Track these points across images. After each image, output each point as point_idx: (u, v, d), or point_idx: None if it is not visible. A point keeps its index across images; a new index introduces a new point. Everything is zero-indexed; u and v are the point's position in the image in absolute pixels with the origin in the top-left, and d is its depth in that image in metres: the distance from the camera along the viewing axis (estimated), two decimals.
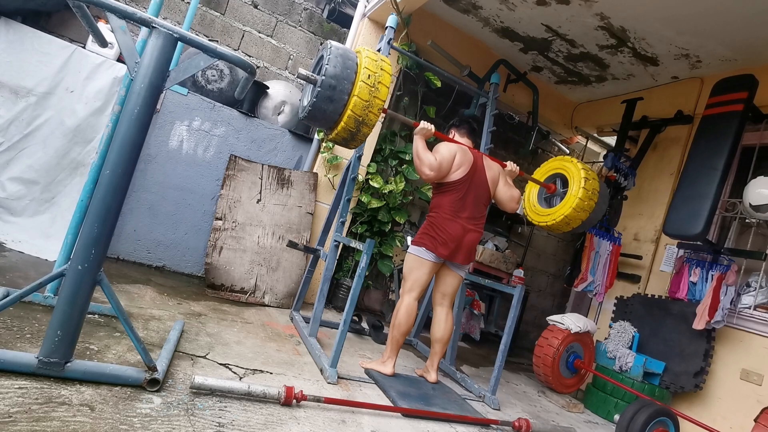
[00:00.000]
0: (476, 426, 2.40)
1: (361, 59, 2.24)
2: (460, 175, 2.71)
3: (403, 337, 2.70)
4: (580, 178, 2.88)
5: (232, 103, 3.83)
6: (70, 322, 1.55)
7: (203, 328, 2.52)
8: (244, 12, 4.41)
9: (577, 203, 2.82)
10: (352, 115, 2.20)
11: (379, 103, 2.23)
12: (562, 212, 2.90)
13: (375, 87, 2.21)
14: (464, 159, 2.74)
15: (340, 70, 2.15)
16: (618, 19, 3.50)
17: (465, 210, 2.72)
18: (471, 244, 2.74)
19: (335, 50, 2.19)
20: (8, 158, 3.12)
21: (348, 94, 2.18)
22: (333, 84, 2.15)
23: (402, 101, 4.59)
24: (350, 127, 2.24)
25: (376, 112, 2.24)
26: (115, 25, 1.64)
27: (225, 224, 3.50)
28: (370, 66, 2.21)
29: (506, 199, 2.86)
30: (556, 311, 5.89)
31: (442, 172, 2.66)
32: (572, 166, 2.98)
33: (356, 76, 2.20)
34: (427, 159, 2.61)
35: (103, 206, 1.60)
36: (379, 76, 2.22)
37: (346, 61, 2.18)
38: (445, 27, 4.33)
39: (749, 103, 3.14)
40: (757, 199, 3.10)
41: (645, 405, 2.62)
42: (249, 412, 1.77)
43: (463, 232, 2.69)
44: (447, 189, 2.73)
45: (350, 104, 2.19)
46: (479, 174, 2.78)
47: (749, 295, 3.26)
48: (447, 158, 2.68)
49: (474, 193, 2.75)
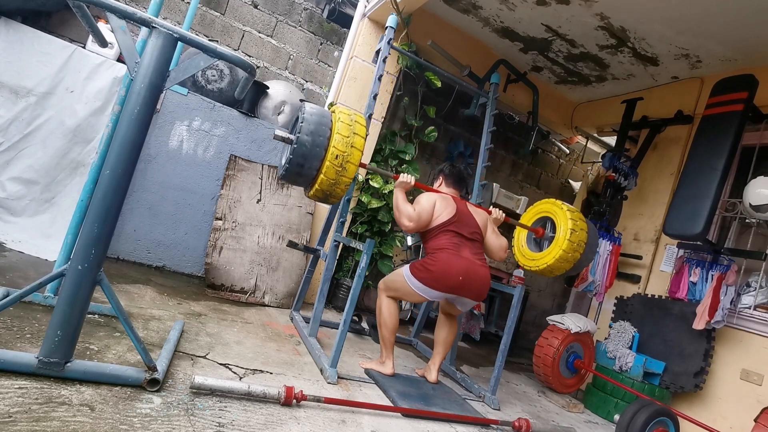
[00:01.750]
0: (476, 426, 2.40)
1: (335, 121, 2.30)
2: (446, 217, 2.64)
3: (393, 334, 2.69)
4: (567, 228, 2.85)
5: (232, 103, 3.83)
6: (70, 322, 1.55)
7: (203, 328, 2.52)
8: (244, 12, 4.41)
9: (561, 255, 2.81)
10: (326, 179, 2.26)
11: (353, 167, 2.27)
12: (545, 261, 2.90)
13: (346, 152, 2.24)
14: (446, 205, 2.68)
15: (313, 136, 2.20)
16: (618, 19, 3.50)
17: (465, 248, 2.63)
18: (483, 281, 2.61)
19: (309, 115, 2.24)
20: (8, 158, 3.12)
21: (321, 159, 2.24)
22: (306, 149, 2.20)
23: (402, 101, 4.59)
24: (325, 188, 2.30)
25: (349, 175, 2.27)
26: (115, 25, 1.64)
27: (225, 224, 3.50)
28: (342, 130, 2.25)
29: (495, 248, 2.79)
30: (556, 311, 5.90)
31: (421, 222, 2.60)
32: (561, 212, 2.94)
33: (329, 140, 2.25)
34: (406, 210, 2.57)
35: (103, 206, 1.60)
36: (351, 140, 2.26)
37: (320, 126, 2.24)
38: (445, 27, 4.33)
39: (749, 103, 3.14)
40: (757, 199, 3.10)
41: (645, 405, 2.62)
42: (249, 412, 1.77)
43: (472, 266, 2.57)
44: (439, 231, 2.64)
45: (323, 168, 2.24)
46: (467, 217, 2.72)
47: (749, 295, 3.26)
48: (426, 209, 2.62)
49: (467, 231, 2.67)
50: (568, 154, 6.02)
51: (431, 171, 5.13)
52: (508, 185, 5.51)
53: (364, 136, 2.32)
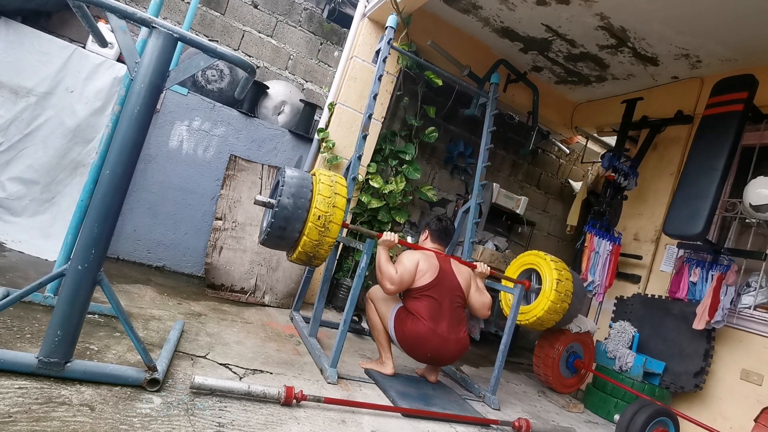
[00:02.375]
0: (476, 426, 2.40)
1: (316, 183, 2.32)
2: (428, 280, 2.63)
3: (385, 335, 2.70)
4: (552, 279, 2.87)
5: (232, 103, 3.83)
6: (70, 322, 1.55)
7: (203, 328, 2.52)
8: (244, 12, 4.41)
9: (550, 306, 2.84)
10: (303, 251, 2.29)
11: (336, 227, 2.30)
12: (535, 314, 2.94)
13: (325, 227, 2.27)
14: (429, 265, 2.67)
15: (294, 200, 2.24)
16: (618, 19, 3.50)
17: (443, 318, 2.60)
18: (454, 353, 2.63)
19: (289, 180, 2.28)
20: (8, 158, 3.13)
21: (303, 221, 2.26)
22: (288, 213, 2.23)
23: (402, 101, 4.59)
24: (302, 258, 2.34)
25: (332, 235, 2.30)
26: (115, 25, 1.64)
27: (225, 224, 3.50)
28: (323, 191, 2.29)
29: (479, 306, 2.78)
30: None
31: (403, 284, 2.60)
32: (545, 264, 2.98)
33: (311, 203, 2.28)
34: (388, 272, 2.56)
35: (103, 206, 1.60)
36: (333, 200, 2.30)
37: (301, 189, 2.27)
38: (445, 27, 4.32)
39: (749, 103, 3.14)
40: (757, 199, 3.10)
41: (645, 405, 2.62)
42: (249, 412, 1.77)
43: (443, 344, 2.57)
44: (418, 294, 2.62)
45: (300, 242, 2.27)
46: (449, 278, 2.70)
47: (749, 295, 3.26)
48: (409, 269, 2.61)
49: (448, 297, 2.65)
50: (568, 154, 6.02)
51: (431, 171, 5.13)
52: (508, 185, 5.51)
53: (345, 195, 2.36)
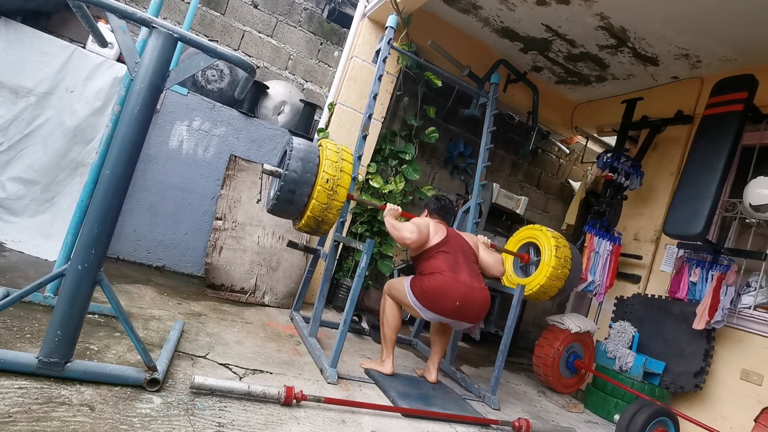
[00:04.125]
0: (476, 426, 2.40)
1: (323, 152, 2.38)
2: (440, 238, 2.67)
3: (395, 333, 2.70)
4: (551, 246, 2.95)
5: (232, 103, 3.83)
6: (70, 322, 1.55)
7: (203, 328, 2.52)
8: (244, 12, 4.41)
9: (551, 272, 2.90)
10: (312, 216, 2.33)
11: (343, 190, 2.34)
12: (538, 282, 2.98)
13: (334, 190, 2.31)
14: (438, 228, 2.73)
15: (302, 164, 2.29)
16: (618, 19, 3.50)
17: (462, 270, 2.60)
18: (483, 303, 2.59)
19: (297, 146, 2.34)
20: (8, 158, 3.12)
21: (312, 185, 2.31)
22: (297, 176, 2.27)
23: (402, 101, 4.59)
24: (311, 224, 2.37)
25: (335, 212, 2.35)
26: (115, 25, 1.64)
27: (225, 224, 3.50)
28: (331, 156, 2.34)
29: (492, 262, 2.82)
30: (556, 311, 5.89)
31: (422, 234, 2.61)
32: (542, 235, 3.06)
33: (318, 168, 2.33)
34: (405, 226, 2.60)
35: (103, 206, 1.60)
36: (341, 165, 2.34)
37: (309, 154, 2.33)
38: (445, 27, 4.32)
39: (749, 103, 3.14)
40: (757, 199, 3.10)
41: (645, 405, 2.62)
42: (249, 412, 1.77)
43: (469, 291, 2.53)
44: (433, 252, 2.63)
45: (309, 206, 2.31)
46: (457, 239, 2.76)
47: (749, 295, 3.26)
48: (425, 222, 2.69)
49: (462, 253, 2.69)
50: (568, 154, 6.02)
51: (431, 171, 5.13)
52: (508, 185, 5.51)
53: (351, 162, 2.41)
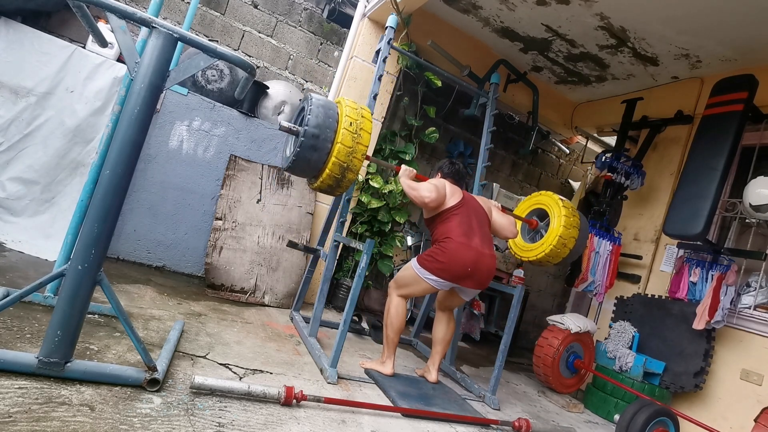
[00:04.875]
0: (476, 426, 2.40)
1: (342, 108, 2.34)
2: (455, 201, 2.70)
3: (398, 335, 2.69)
4: (560, 213, 2.95)
5: (232, 103, 3.83)
6: (70, 322, 1.55)
7: (203, 328, 2.52)
8: (244, 12, 4.41)
9: (558, 240, 2.90)
10: (337, 162, 2.27)
11: (363, 148, 2.31)
12: (543, 249, 2.98)
13: (357, 133, 2.28)
14: (453, 189, 2.76)
15: (322, 120, 2.24)
16: (618, 19, 3.50)
17: (475, 234, 2.64)
18: (490, 269, 2.64)
19: (316, 102, 2.29)
20: (8, 158, 3.12)
21: (331, 141, 2.26)
22: (316, 133, 2.22)
23: (402, 101, 4.59)
24: (335, 173, 2.31)
25: (360, 157, 2.31)
26: (115, 25, 1.64)
27: (225, 224, 3.50)
28: (351, 114, 2.30)
29: (506, 224, 2.86)
30: (556, 311, 5.90)
31: (440, 194, 2.64)
32: (551, 201, 3.07)
33: (338, 124, 2.29)
34: (422, 186, 2.63)
35: (103, 206, 1.60)
36: (361, 123, 2.30)
37: (328, 111, 2.28)
38: (445, 27, 4.32)
39: (749, 103, 3.14)
40: (757, 199, 3.10)
41: (645, 405, 2.62)
42: (249, 412, 1.77)
43: (480, 256, 2.59)
44: (448, 215, 2.67)
45: (334, 151, 2.26)
46: (472, 201, 2.79)
47: (749, 295, 3.26)
48: (440, 185, 2.70)
49: (476, 216, 2.72)
50: (568, 154, 6.02)
51: (431, 171, 5.12)
52: (508, 185, 5.51)
53: (370, 120, 2.37)
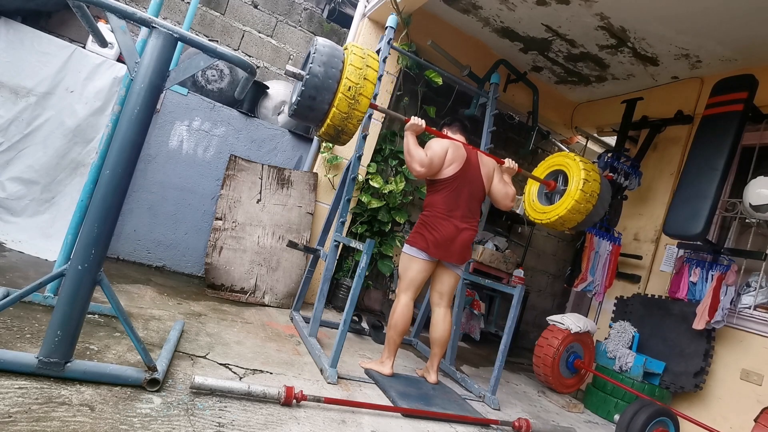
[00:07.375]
0: (476, 426, 2.40)
1: (348, 55, 2.26)
2: (452, 172, 2.69)
3: (401, 337, 2.69)
4: (579, 178, 2.77)
5: (232, 103, 3.83)
6: (70, 322, 1.55)
7: (203, 328, 2.52)
8: (244, 12, 4.41)
9: (573, 205, 2.75)
10: (344, 98, 2.21)
11: (365, 100, 2.25)
12: (557, 213, 2.84)
13: (359, 84, 2.21)
14: (457, 155, 2.71)
15: (325, 67, 2.18)
16: (618, 19, 3.50)
17: (458, 208, 2.69)
18: (464, 243, 2.71)
19: (321, 47, 2.21)
20: (8, 158, 3.12)
21: (337, 81, 2.20)
22: (318, 81, 2.17)
23: (402, 101, 4.59)
24: (343, 110, 2.24)
25: (361, 108, 2.25)
26: (115, 25, 1.64)
27: (225, 224, 3.50)
28: (355, 62, 2.23)
29: (501, 196, 2.82)
30: (556, 311, 5.89)
31: (433, 168, 2.64)
32: (574, 163, 2.86)
33: (342, 72, 2.22)
34: (418, 155, 2.59)
35: (103, 206, 1.60)
36: (365, 72, 2.23)
37: (332, 58, 2.21)
38: (445, 27, 4.33)
39: (749, 103, 3.14)
40: (757, 199, 3.10)
41: (645, 405, 2.62)
42: (249, 412, 1.77)
43: (456, 231, 2.66)
44: (440, 186, 2.71)
45: (341, 87, 2.20)
46: (473, 170, 2.76)
47: (749, 295, 3.26)
48: (439, 154, 2.66)
49: (468, 189, 2.73)
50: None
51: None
52: None
53: (377, 69, 2.30)
